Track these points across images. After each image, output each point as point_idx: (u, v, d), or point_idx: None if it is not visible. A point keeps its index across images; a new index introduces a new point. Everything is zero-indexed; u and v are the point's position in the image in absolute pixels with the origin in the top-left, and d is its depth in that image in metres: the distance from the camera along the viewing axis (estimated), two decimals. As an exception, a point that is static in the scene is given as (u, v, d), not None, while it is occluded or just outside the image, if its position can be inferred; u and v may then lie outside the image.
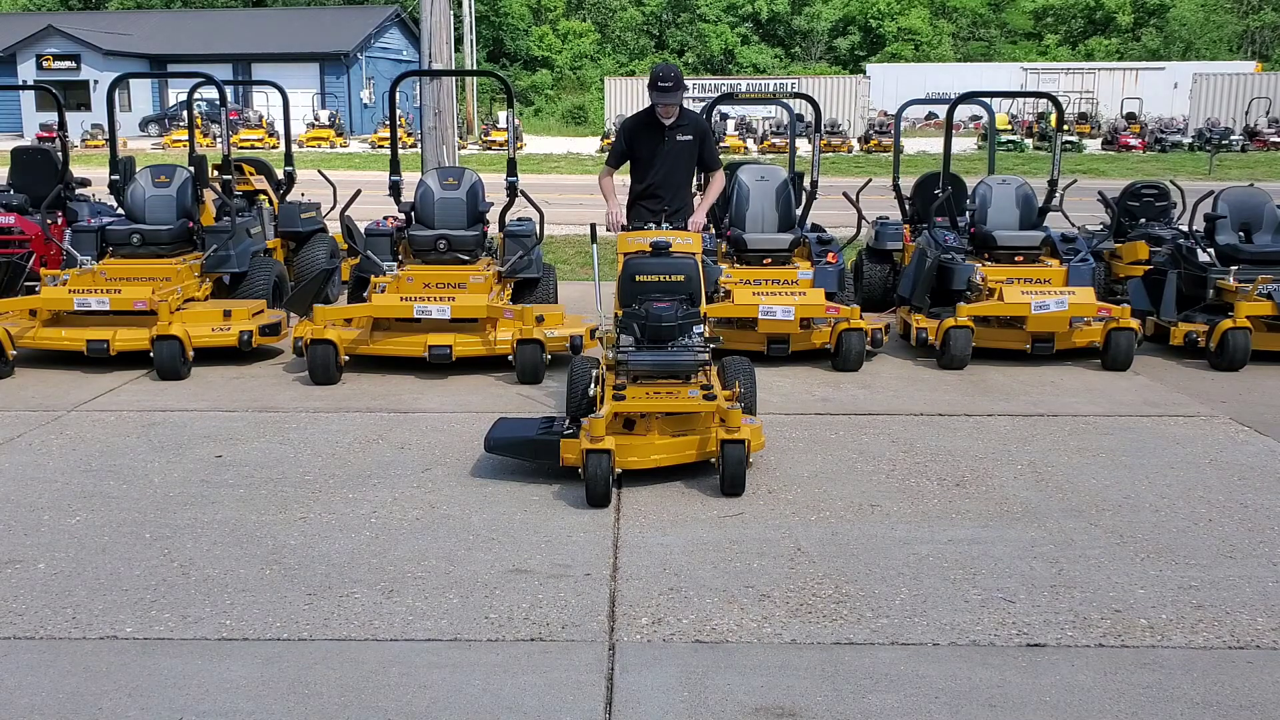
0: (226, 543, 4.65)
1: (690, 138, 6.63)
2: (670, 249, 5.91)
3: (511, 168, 8.50)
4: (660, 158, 6.59)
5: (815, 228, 9.10)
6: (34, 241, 9.42)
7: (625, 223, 6.60)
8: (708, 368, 5.63)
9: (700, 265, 6.04)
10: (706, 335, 5.79)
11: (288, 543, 4.65)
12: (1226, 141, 34.56)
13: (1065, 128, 33.76)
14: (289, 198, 10.61)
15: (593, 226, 6.65)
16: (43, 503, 5.13)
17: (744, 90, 42.50)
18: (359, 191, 9.25)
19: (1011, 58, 60.49)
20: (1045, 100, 14.34)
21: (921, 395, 7.18)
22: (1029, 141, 37.17)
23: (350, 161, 29.79)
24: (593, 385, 5.74)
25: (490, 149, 35.41)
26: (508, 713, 3.36)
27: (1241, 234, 8.88)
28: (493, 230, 8.65)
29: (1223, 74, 45.42)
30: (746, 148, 35.59)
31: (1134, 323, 7.90)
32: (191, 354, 7.56)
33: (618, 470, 5.21)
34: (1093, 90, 48.92)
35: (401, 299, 7.59)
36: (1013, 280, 8.05)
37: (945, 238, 8.58)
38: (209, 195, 9.05)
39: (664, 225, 6.38)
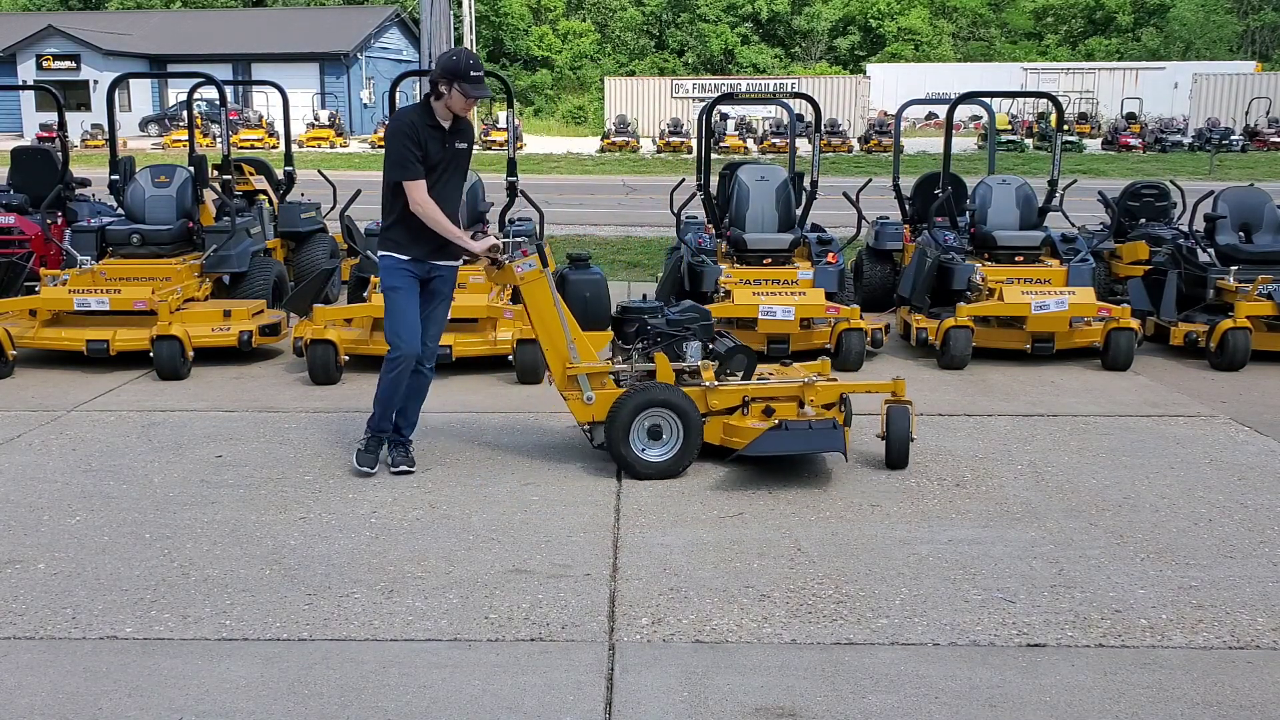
0: (226, 543, 4.65)
1: (466, 145, 5.67)
2: (589, 259, 5.89)
3: (511, 168, 8.50)
4: (442, 168, 5.56)
5: (815, 228, 9.09)
6: (34, 241, 9.41)
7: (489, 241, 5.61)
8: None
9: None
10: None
11: (288, 543, 4.65)
12: (1227, 141, 34.59)
13: (1065, 128, 33.72)
14: (289, 198, 10.60)
15: (540, 247, 5.84)
16: (43, 503, 5.12)
17: (744, 90, 42.50)
18: (359, 191, 9.26)
19: (1011, 58, 60.50)
20: (1045, 100, 14.33)
21: (921, 395, 7.17)
22: (1029, 141, 37.18)
23: (350, 161, 29.80)
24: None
25: (490, 149, 35.38)
26: (508, 713, 3.36)
27: (1241, 234, 8.88)
28: (493, 230, 8.65)
29: (1223, 74, 45.50)
30: (746, 148, 35.59)
31: (1134, 323, 7.90)
32: (191, 354, 7.55)
33: None
34: (1093, 90, 48.94)
35: (401, 299, 7.57)
36: (1013, 280, 8.05)
37: (945, 238, 8.57)
38: (209, 195, 9.04)
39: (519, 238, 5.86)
